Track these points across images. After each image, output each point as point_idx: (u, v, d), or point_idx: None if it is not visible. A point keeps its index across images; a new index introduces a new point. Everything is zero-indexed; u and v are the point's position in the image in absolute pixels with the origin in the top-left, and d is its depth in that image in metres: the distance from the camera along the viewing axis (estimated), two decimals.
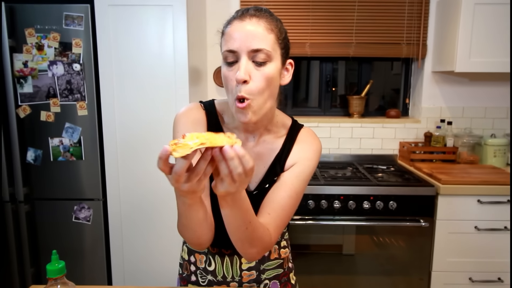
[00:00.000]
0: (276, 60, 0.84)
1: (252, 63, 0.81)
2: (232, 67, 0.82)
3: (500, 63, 2.14)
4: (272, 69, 0.83)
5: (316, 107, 2.72)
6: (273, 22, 0.84)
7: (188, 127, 0.92)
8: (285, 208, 0.89)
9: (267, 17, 0.83)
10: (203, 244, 0.88)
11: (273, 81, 0.84)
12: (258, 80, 0.81)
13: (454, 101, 2.53)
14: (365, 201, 1.97)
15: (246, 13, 0.83)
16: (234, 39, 0.81)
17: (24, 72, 1.92)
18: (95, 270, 2.08)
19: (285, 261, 1.10)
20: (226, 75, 0.83)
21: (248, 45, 0.80)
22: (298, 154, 0.94)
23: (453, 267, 2.03)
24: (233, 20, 0.83)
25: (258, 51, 0.80)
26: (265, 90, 0.82)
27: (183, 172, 0.62)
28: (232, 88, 0.82)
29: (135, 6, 1.88)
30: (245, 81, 0.80)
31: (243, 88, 0.80)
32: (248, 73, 0.80)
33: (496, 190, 1.95)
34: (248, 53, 0.80)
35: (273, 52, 0.82)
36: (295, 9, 2.43)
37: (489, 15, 2.10)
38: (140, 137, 1.99)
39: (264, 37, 0.81)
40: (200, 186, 0.66)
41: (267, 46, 0.81)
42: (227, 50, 0.82)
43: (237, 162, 0.63)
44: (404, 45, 2.47)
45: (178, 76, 1.94)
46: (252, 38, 0.80)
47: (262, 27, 0.81)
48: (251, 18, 0.82)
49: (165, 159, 0.63)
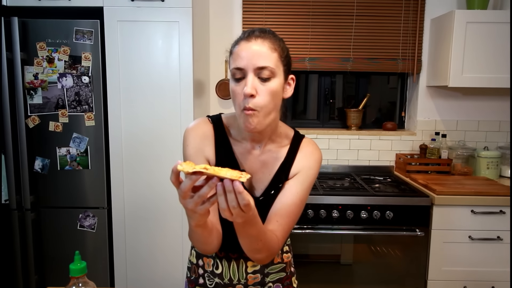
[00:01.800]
0: (279, 76, 0.92)
1: (257, 79, 0.89)
2: (240, 82, 0.90)
3: (492, 79, 2.24)
4: (275, 84, 0.91)
5: (315, 119, 2.80)
6: (276, 42, 0.92)
7: (197, 141, 1.00)
8: (290, 215, 0.97)
9: (270, 37, 0.92)
10: (209, 251, 0.97)
11: (277, 95, 0.92)
12: (264, 94, 0.89)
13: (448, 115, 2.62)
14: (363, 210, 2.04)
15: (252, 34, 0.91)
16: (242, 58, 0.89)
17: (34, 83, 1.99)
18: (98, 278, 2.12)
19: (288, 265, 1.16)
20: (234, 89, 0.91)
21: (254, 63, 0.88)
22: (301, 163, 1.02)
23: (448, 276, 2.08)
24: (240, 41, 0.92)
25: (263, 68, 0.88)
26: (270, 103, 0.90)
27: (188, 189, 0.70)
28: (239, 101, 0.90)
29: (143, 22, 1.97)
30: (252, 95, 0.88)
31: (250, 101, 0.88)
32: (255, 88, 0.88)
33: (489, 200, 2.03)
34: (254, 70, 0.88)
35: (277, 69, 0.91)
36: (296, 25, 2.53)
37: (480, 33, 2.20)
38: (145, 147, 2.05)
39: (268, 55, 0.89)
40: (203, 209, 0.73)
41: (271, 64, 0.89)
42: (235, 68, 0.90)
43: (233, 197, 0.70)
44: (400, 61, 2.57)
45: (183, 89, 2.01)
46: (257, 57, 0.88)
47: (266, 47, 0.89)
48: (256, 39, 0.90)
49: (176, 174, 0.70)
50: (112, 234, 2.11)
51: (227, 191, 0.70)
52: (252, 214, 0.77)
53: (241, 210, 0.72)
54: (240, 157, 1.02)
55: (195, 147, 1.00)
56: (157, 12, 1.96)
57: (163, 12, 1.96)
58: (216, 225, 0.95)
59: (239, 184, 0.69)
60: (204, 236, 0.89)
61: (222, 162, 1.01)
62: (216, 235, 0.94)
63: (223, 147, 1.02)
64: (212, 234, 0.92)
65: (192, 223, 0.82)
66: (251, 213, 0.75)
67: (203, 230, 0.86)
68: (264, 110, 0.90)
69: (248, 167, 1.02)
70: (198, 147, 1.00)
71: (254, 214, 0.79)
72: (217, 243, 0.96)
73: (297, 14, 2.52)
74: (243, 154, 1.02)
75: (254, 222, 0.81)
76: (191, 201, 0.72)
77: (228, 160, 1.01)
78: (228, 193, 0.70)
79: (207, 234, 0.89)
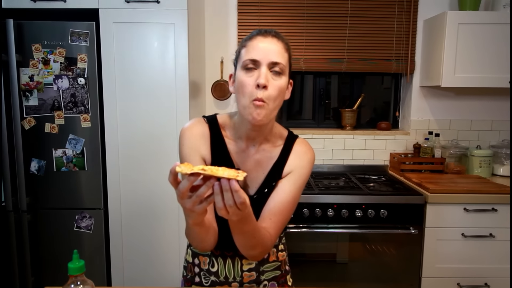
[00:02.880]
0: (286, 75, 0.97)
1: (270, 73, 0.92)
2: (251, 73, 0.93)
3: (484, 79, 2.27)
4: (284, 82, 0.95)
5: (310, 119, 2.82)
6: (287, 45, 0.99)
7: (192, 140, 1.02)
8: (283, 213, 0.99)
9: (283, 40, 0.98)
10: (207, 249, 1.01)
11: (283, 92, 0.96)
12: (274, 88, 0.93)
13: (442, 114, 2.66)
14: (357, 209, 2.06)
15: (269, 33, 0.97)
16: (258, 50, 0.93)
17: (30, 85, 1.99)
18: (95, 278, 2.12)
19: (283, 263, 1.18)
20: (244, 80, 0.93)
21: (270, 57, 0.92)
22: (294, 163, 1.04)
23: (442, 273, 2.11)
24: (257, 35, 0.96)
25: (276, 64, 0.93)
26: (277, 98, 0.94)
27: (186, 190, 0.72)
28: (249, 92, 0.92)
29: (139, 24, 1.98)
30: (265, 86, 0.90)
31: (262, 93, 0.91)
32: (268, 80, 0.91)
33: (481, 198, 2.06)
34: (268, 64, 0.92)
35: (286, 68, 0.96)
36: (290, 27, 2.55)
37: (472, 34, 2.24)
38: (141, 148, 2.07)
39: (282, 54, 0.95)
40: (201, 209, 0.75)
41: (283, 61, 0.95)
42: (249, 59, 0.93)
43: (230, 195, 0.72)
44: (393, 61, 2.59)
45: (178, 90, 2.03)
46: (273, 52, 0.93)
47: (281, 46, 0.96)
48: (272, 37, 0.96)
49: (174, 174, 0.72)
50: (109, 235, 2.12)
51: (224, 190, 0.72)
52: (247, 212, 0.79)
53: (237, 208, 0.74)
54: (235, 156, 1.04)
55: (191, 147, 1.02)
56: (153, 13, 1.97)
57: (159, 14, 1.97)
58: (213, 223, 0.97)
59: (236, 182, 0.71)
60: (202, 234, 0.92)
61: (217, 161, 1.03)
62: (212, 232, 0.97)
63: (218, 147, 1.04)
64: (209, 232, 0.95)
65: (190, 222, 0.84)
66: (247, 211, 0.77)
67: (200, 228, 0.89)
68: (272, 104, 0.93)
69: (242, 166, 1.04)
70: (194, 146, 1.02)
71: (249, 212, 0.81)
72: (214, 241, 0.99)
73: (292, 16, 2.54)
74: (238, 153, 1.04)
75: (249, 219, 0.83)
76: (189, 201, 0.74)
77: (223, 159, 1.03)
78: (225, 192, 0.72)
79: (204, 232, 0.92)
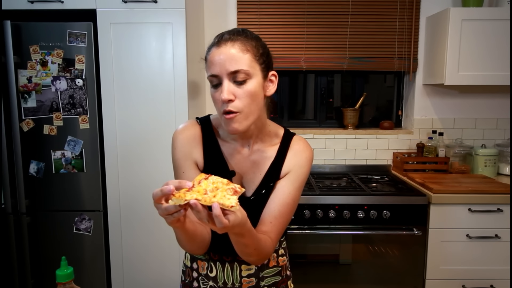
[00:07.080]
0: (256, 76, 0.91)
1: (233, 83, 0.89)
2: (217, 89, 0.91)
3: (488, 76, 2.23)
4: (253, 85, 0.90)
5: (312, 119, 2.79)
6: (248, 42, 0.91)
7: (184, 144, 1.01)
8: (283, 216, 0.97)
9: (241, 39, 0.90)
10: (195, 252, 1.02)
11: (256, 95, 0.91)
12: (242, 97, 0.89)
13: (445, 113, 2.62)
14: (360, 210, 2.03)
15: (221, 39, 0.91)
16: (214, 64, 0.89)
17: (28, 87, 1.98)
18: (95, 280, 2.11)
19: (283, 268, 1.15)
20: (213, 96, 0.93)
21: (227, 68, 0.88)
22: (292, 162, 1.01)
23: (446, 275, 2.07)
24: (212, 47, 0.92)
25: (236, 72, 0.88)
26: (249, 104, 0.90)
27: (158, 199, 0.73)
28: (219, 107, 0.91)
29: (136, 24, 1.95)
30: (229, 100, 0.88)
31: (229, 105, 0.89)
32: (232, 93, 0.88)
33: (486, 199, 2.02)
34: (228, 75, 0.88)
35: (251, 70, 0.90)
36: (291, 25, 2.52)
37: (476, 30, 2.19)
38: (140, 149, 2.04)
39: (240, 58, 0.88)
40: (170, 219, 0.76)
41: (244, 66, 0.88)
42: (210, 75, 0.91)
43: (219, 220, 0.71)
44: (396, 59, 2.56)
45: (177, 90, 2.00)
46: (229, 61, 0.88)
47: (237, 49, 0.88)
48: (226, 42, 0.89)
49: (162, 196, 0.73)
50: (108, 237, 2.10)
51: (214, 217, 0.71)
52: (240, 229, 0.78)
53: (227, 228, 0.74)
54: (228, 157, 1.02)
55: (183, 150, 1.00)
56: (150, 13, 1.95)
57: (156, 14, 1.95)
58: (200, 229, 0.95)
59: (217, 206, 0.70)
60: (184, 238, 0.91)
61: (211, 164, 1.01)
62: (200, 239, 0.94)
63: (211, 148, 1.02)
64: (195, 238, 0.92)
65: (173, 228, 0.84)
66: (237, 230, 0.77)
67: (181, 233, 0.88)
68: (245, 111, 0.90)
69: (238, 168, 1.02)
70: (185, 150, 1.00)
71: (243, 228, 0.79)
72: (202, 246, 0.97)
73: (292, 14, 2.51)
74: (232, 154, 1.02)
75: (247, 234, 0.82)
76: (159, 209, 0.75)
77: (216, 161, 1.01)
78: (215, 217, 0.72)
79: (186, 238, 0.90)
